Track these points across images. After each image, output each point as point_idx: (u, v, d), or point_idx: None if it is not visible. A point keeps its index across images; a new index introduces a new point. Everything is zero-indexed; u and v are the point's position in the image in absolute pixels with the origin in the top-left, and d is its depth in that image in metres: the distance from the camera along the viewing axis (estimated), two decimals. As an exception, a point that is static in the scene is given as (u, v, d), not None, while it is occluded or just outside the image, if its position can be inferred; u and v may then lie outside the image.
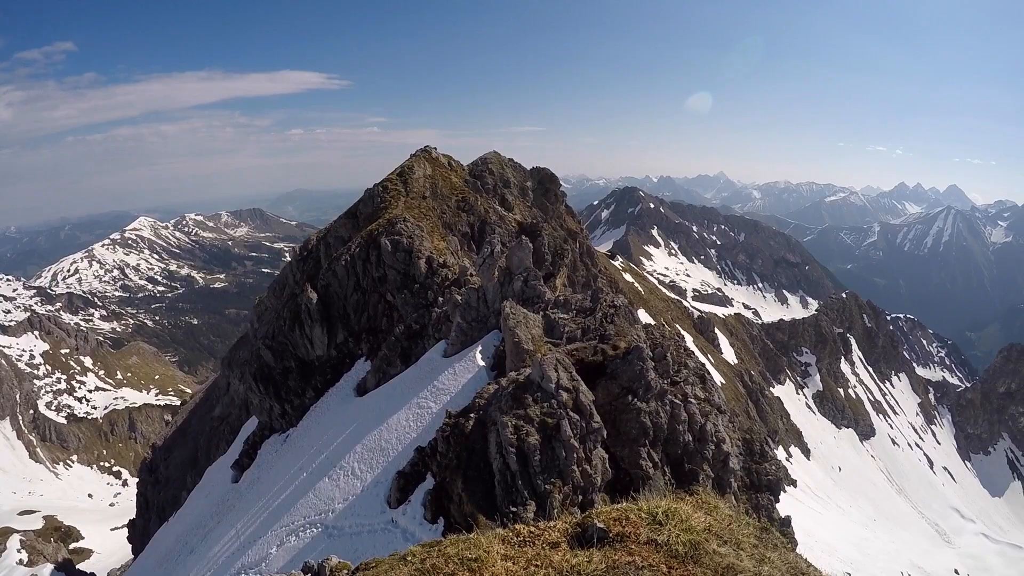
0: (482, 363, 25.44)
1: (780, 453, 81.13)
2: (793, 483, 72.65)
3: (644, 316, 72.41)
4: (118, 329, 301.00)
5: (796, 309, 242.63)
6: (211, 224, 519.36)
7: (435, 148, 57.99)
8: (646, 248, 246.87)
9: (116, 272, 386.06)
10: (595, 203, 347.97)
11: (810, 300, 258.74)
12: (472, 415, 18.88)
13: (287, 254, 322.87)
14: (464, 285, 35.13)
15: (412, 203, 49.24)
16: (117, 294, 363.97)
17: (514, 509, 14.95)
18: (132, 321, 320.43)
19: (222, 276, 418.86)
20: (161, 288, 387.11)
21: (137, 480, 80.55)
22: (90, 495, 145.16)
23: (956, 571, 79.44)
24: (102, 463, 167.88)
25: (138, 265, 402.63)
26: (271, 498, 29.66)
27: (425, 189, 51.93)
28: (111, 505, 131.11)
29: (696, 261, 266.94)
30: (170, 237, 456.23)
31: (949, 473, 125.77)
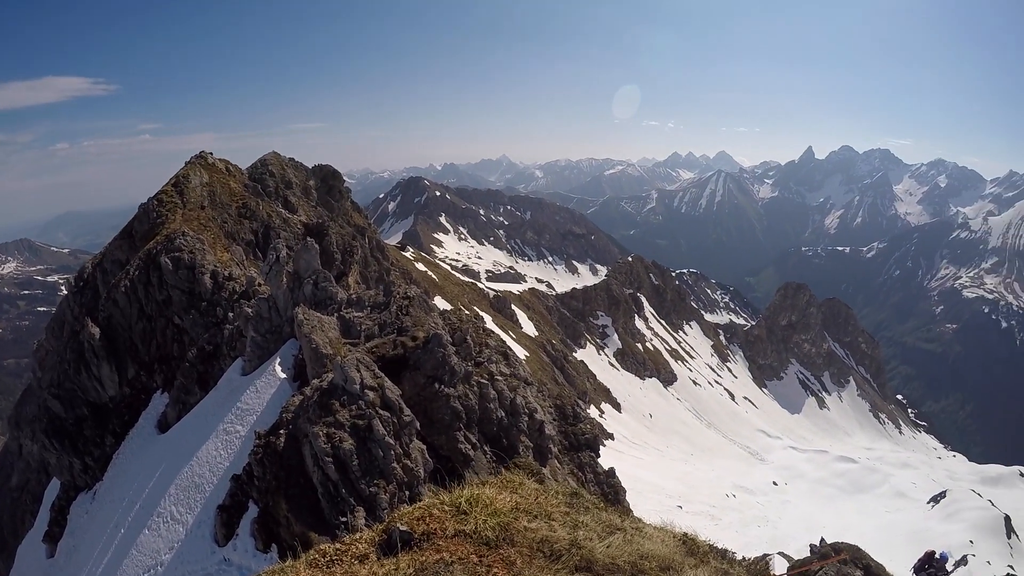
0: (283, 375, 24.26)
1: (593, 412, 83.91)
2: (611, 436, 75.49)
3: (441, 303, 72.64)
4: None
5: (587, 277, 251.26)
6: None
7: (211, 153, 54.64)
8: (436, 236, 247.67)
9: None
10: (381, 196, 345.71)
11: (599, 267, 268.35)
12: (282, 431, 18.05)
13: (63, 287, 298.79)
14: (253, 296, 33.29)
15: (190, 215, 45.89)
16: None
17: (344, 519, 14.59)
18: None
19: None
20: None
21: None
22: None
23: (774, 482, 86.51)
24: None
25: None
26: (93, 566, 26.91)
27: (203, 198, 48.76)
28: None
29: (486, 243, 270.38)
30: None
31: (750, 401, 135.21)
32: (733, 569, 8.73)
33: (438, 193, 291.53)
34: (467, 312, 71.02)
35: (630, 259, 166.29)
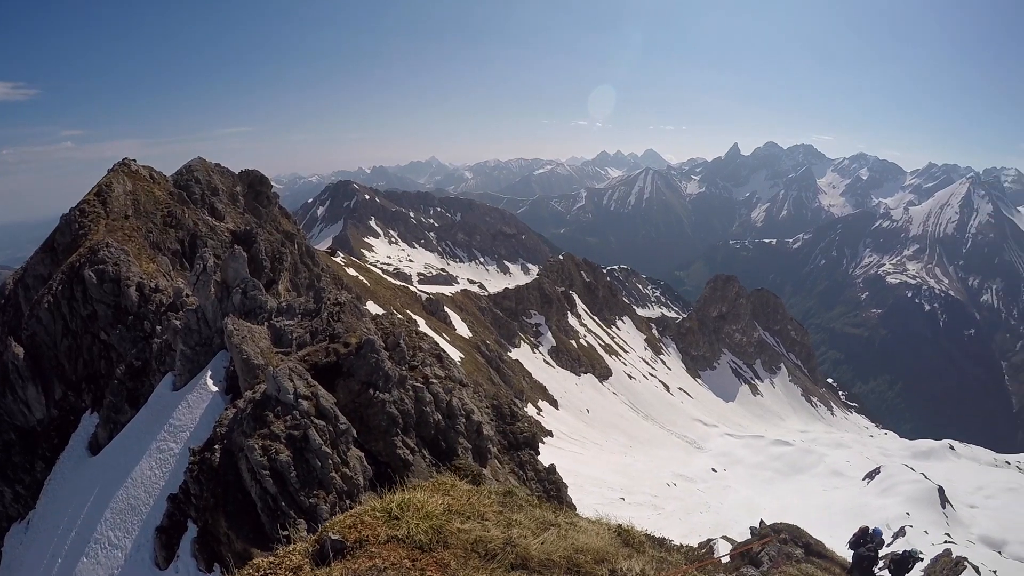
0: (215, 388, 23.67)
1: (531, 410, 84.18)
2: (549, 434, 75.86)
3: (374, 308, 72.17)
4: None
5: (519, 276, 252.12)
6: None
7: (135, 160, 52.81)
8: (366, 240, 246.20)
9: None
10: (310, 201, 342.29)
11: (530, 266, 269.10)
12: (217, 446, 17.61)
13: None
14: (181, 308, 32.49)
15: (114, 225, 44.17)
16: None
17: (285, 533, 14.39)
18: None
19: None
20: None
21: None
22: None
23: (713, 469, 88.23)
24: None
25: None
26: (32, 601, 26.19)
27: (127, 207, 47.05)
28: None
29: (417, 246, 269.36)
30: None
31: (685, 392, 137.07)
32: (671, 556, 8.91)
33: (367, 196, 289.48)
34: (400, 316, 70.64)
35: (561, 257, 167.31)
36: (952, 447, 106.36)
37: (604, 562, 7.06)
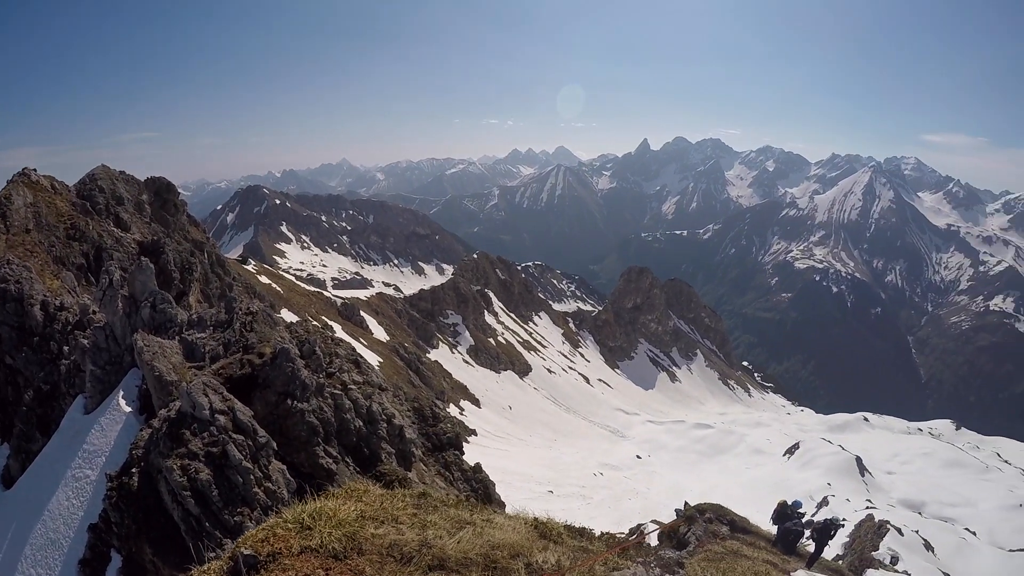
0: (128, 409, 22.75)
1: (453, 410, 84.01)
2: (473, 433, 75.74)
3: (288, 315, 71.08)
4: None
5: (434, 277, 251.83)
6: None
7: (35, 170, 50.42)
8: (278, 246, 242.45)
9: None
10: (219, 207, 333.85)
11: (445, 266, 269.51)
12: (134, 470, 16.85)
13: None
14: (89, 326, 31.25)
15: (15, 240, 41.98)
16: None
17: (213, 555, 14.09)
18: None
19: None
20: None
21: None
22: None
23: (638, 456, 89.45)
24: None
25: None
26: (-48, 649, 24.89)
27: (28, 220, 44.71)
28: None
29: (330, 250, 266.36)
30: None
31: (605, 383, 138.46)
32: (592, 544, 9.15)
33: (278, 201, 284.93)
34: (315, 323, 69.73)
35: (475, 256, 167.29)
36: (866, 419, 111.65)
37: (520, 556, 7.20)
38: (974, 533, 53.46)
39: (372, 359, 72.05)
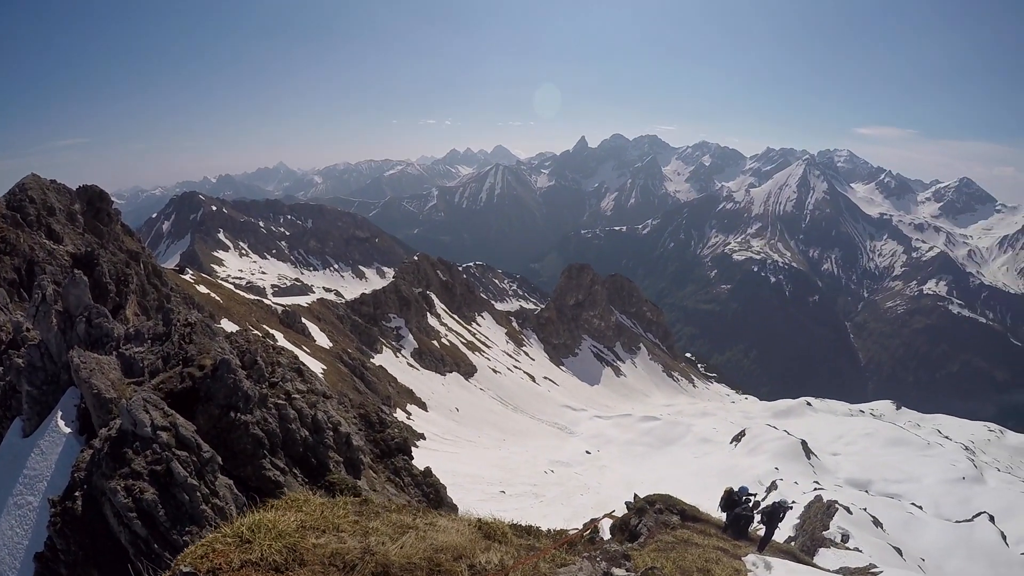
0: (67, 430, 22.03)
1: (400, 415, 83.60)
2: (422, 436, 75.44)
3: (229, 325, 69.92)
4: None
5: (375, 280, 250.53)
6: None
7: None
8: (215, 254, 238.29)
9: None
10: (154, 216, 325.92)
11: (386, 269, 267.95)
12: (77, 493, 16.12)
13: None
14: (23, 344, 30.28)
15: None
16: None
17: (165, 577, 13.66)
18: None
19: None
20: None
21: None
22: None
23: (587, 451, 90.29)
24: None
25: None
26: None
27: None
28: None
29: (269, 256, 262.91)
30: None
31: (551, 380, 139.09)
32: (539, 542, 9.12)
33: (214, 208, 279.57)
34: (256, 332, 68.65)
35: (416, 258, 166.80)
36: (809, 403, 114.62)
37: (463, 558, 7.21)
38: (920, 507, 55.45)
39: (315, 367, 71.40)
